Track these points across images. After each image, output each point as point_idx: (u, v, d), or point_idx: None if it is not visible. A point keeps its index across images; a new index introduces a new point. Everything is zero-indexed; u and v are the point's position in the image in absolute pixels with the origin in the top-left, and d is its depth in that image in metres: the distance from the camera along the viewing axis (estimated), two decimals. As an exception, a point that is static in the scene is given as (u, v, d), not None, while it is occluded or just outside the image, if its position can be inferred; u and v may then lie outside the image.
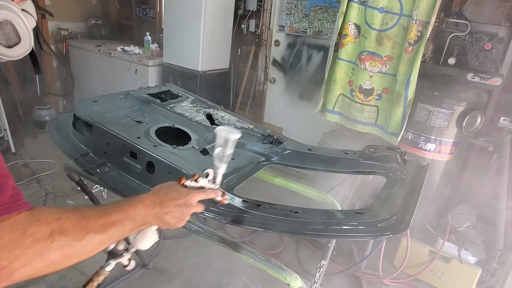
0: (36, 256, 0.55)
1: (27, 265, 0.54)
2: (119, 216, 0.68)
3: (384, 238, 0.94)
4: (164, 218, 0.78)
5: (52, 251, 0.56)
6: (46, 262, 0.56)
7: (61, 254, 0.58)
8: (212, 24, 3.35)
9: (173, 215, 0.79)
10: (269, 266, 1.06)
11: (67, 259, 0.59)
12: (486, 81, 2.19)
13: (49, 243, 0.56)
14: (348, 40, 2.42)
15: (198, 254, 2.42)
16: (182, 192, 0.81)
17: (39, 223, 0.56)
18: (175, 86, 1.89)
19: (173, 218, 0.79)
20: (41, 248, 0.55)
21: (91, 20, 4.66)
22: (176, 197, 0.80)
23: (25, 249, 0.54)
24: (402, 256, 2.26)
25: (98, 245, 0.64)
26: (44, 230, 0.56)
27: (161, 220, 0.78)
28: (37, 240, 0.55)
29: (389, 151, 1.32)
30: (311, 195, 1.51)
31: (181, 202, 0.80)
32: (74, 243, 0.59)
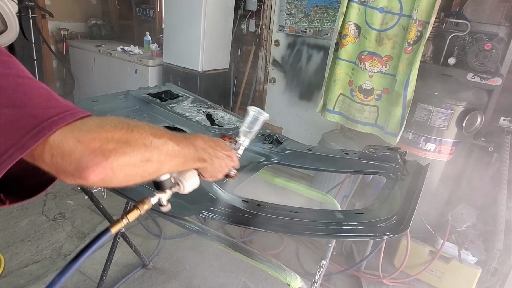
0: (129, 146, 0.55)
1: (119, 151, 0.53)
2: (184, 140, 0.69)
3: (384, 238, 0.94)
4: (214, 161, 0.79)
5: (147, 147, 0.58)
6: (136, 158, 0.56)
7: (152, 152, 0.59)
8: (212, 24, 3.35)
9: (220, 162, 0.81)
10: (269, 266, 1.06)
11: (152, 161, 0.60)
12: (486, 81, 2.19)
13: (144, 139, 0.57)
14: (348, 40, 2.42)
15: (198, 254, 2.42)
16: (228, 146, 0.85)
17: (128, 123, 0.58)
18: (175, 86, 1.89)
19: (219, 164, 0.81)
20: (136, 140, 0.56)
21: (91, 20, 4.67)
22: (224, 146, 0.83)
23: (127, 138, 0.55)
24: (402, 256, 2.26)
25: (172, 153, 0.64)
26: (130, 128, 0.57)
27: (211, 162, 0.79)
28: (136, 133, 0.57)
29: (389, 151, 1.32)
30: (311, 195, 1.51)
31: (228, 153, 0.83)
32: (156, 142, 0.60)
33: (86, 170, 0.50)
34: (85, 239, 2.45)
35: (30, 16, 3.79)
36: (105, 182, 0.53)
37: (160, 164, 0.63)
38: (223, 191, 1.10)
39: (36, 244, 2.34)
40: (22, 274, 2.10)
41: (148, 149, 0.58)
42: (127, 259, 2.30)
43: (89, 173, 0.50)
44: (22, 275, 2.09)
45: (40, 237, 2.41)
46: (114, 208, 2.67)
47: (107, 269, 1.97)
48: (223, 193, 1.09)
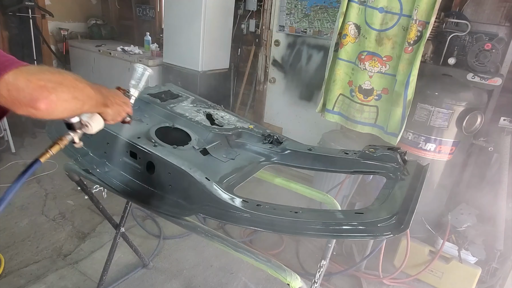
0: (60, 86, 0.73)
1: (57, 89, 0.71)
2: (95, 86, 0.88)
3: (384, 238, 0.94)
4: (114, 107, 0.98)
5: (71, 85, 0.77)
6: (69, 95, 0.75)
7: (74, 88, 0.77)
8: (212, 24, 3.35)
9: (118, 108, 1.00)
10: (269, 266, 1.06)
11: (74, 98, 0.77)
12: (486, 81, 2.19)
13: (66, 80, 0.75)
14: (348, 40, 2.42)
15: (198, 254, 2.42)
16: (122, 95, 1.07)
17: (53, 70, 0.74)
18: (175, 86, 1.89)
19: (117, 110, 1.00)
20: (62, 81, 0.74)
21: (91, 20, 4.67)
22: (121, 95, 1.06)
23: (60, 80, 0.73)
24: (402, 256, 2.26)
25: (90, 95, 0.84)
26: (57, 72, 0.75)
27: (112, 107, 0.97)
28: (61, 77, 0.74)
29: (389, 151, 1.32)
30: (311, 195, 1.51)
31: (124, 101, 1.04)
32: (80, 85, 0.80)
33: (37, 101, 0.67)
34: (85, 239, 2.45)
35: (30, 16, 3.79)
36: (49, 112, 0.70)
37: (83, 103, 0.81)
38: (223, 191, 1.10)
39: (36, 244, 2.34)
40: (22, 274, 2.10)
41: (76, 90, 0.77)
42: (127, 259, 2.30)
43: (40, 104, 0.67)
44: (22, 275, 2.09)
45: (40, 237, 2.41)
46: (114, 208, 2.67)
47: (107, 269, 1.97)
48: (223, 193, 1.09)
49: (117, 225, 1.93)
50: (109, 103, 0.96)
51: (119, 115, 1.02)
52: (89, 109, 0.88)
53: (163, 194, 1.19)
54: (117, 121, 1.03)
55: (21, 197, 2.80)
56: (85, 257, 2.28)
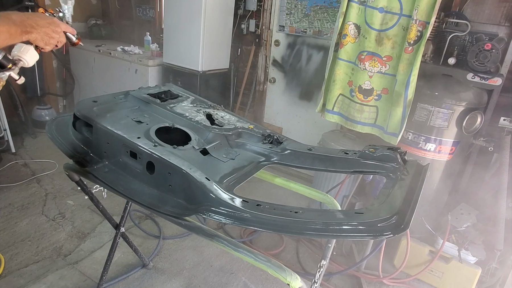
0: None
1: None
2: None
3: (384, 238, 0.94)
4: (39, 30, 0.94)
5: None
6: None
7: None
8: (212, 24, 3.35)
9: (46, 30, 0.95)
10: (269, 266, 1.06)
11: None
12: (486, 81, 2.19)
13: None
14: (348, 40, 2.42)
15: (198, 254, 2.42)
16: (47, 17, 1.01)
17: None
18: (175, 86, 1.89)
19: (45, 33, 0.96)
20: None
21: (91, 20, 4.66)
22: (43, 16, 0.98)
23: None
24: (402, 256, 2.26)
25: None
26: None
27: (37, 32, 0.93)
28: None
29: (389, 151, 1.32)
30: (311, 195, 1.51)
31: (49, 21, 0.98)
32: None
33: None
34: (85, 239, 2.45)
35: (30, 16, 3.79)
36: None
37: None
38: (223, 191, 1.10)
39: (36, 244, 2.34)
40: (22, 274, 2.10)
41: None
42: (127, 259, 2.30)
43: None
44: (22, 275, 2.09)
45: (40, 237, 2.41)
46: (114, 208, 2.67)
47: (107, 269, 1.97)
48: (223, 193, 1.09)
49: (117, 225, 1.93)
50: (29, 29, 0.92)
51: (51, 37, 0.98)
52: (4, 41, 0.86)
53: (163, 194, 1.19)
54: (54, 44, 1.01)
55: (21, 197, 2.80)
56: (85, 257, 2.29)
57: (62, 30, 1.02)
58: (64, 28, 1.03)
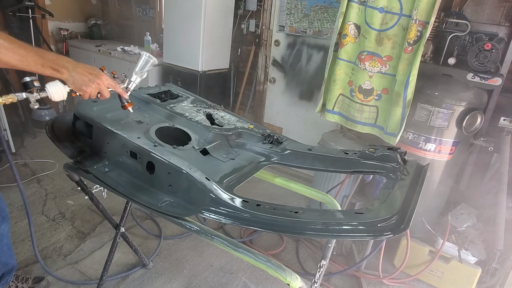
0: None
1: None
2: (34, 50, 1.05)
3: (384, 238, 0.93)
4: (73, 75, 1.08)
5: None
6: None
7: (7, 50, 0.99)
8: (212, 24, 3.35)
9: (81, 77, 1.08)
10: (269, 266, 1.06)
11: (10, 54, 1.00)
12: (486, 81, 2.19)
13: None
14: (348, 40, 2.42)
15: (198, 254, 2.42)
16: (97, 69, 1.14)
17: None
18: (175, 86, 1.89)
19: (80, 78, 1.08)
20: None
21: (91, 20, 4.67)
22: (91, 68, 1.12)
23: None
24: (402, 256, 2.26)
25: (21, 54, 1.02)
26: None
27: (69, 74, 1.07)
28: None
29: (389, 151, 1.32)
30: (311, 195, 1.51)
31: (93, 72, 1.11)
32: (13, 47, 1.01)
33: None
34: (85, 239, 2.45)
35: (30, 16, 3.79)
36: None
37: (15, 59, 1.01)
38: (223, 191, 1.10)
39: (36, 244, 2.34)
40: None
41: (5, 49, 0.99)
42: (127, 259, 2.30)
43: None
44: (22, 275, 2.09)
45: (40, 237, 2.41)
46: (114, 208, 2.67)
47: (107, 269, 1.97)
48: (223, 193, 1.09)
49: (117, 225, 1.93)
50: (61, 68, 1.07)
51: (85, 84, 1.10)
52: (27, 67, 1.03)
53: (163, 194, 1.19)
54: (89, 92, 1.13)
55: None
56: (85, 257, 2.29)
57: (105, 85, 1.14)
58: (108, 84, 1.15)
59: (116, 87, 1.20)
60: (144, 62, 1.27)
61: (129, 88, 1.28)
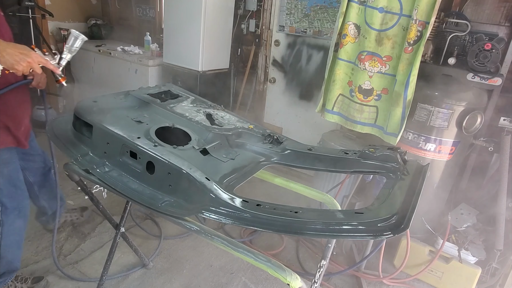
0: None
1: None
2: None
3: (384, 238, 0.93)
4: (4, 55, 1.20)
5: None
6: None
7: None
8: (212, 24, 3.35)
9: (12, 56, 1.20)
10: (269, 266, 1.06)
11: None
12: (486, 81, 2.19)
13: None
14: (348, 40, 2.42)
15: (198, 254, 2.42)
16: (27, 48, 1.26)
17: None
18: (175, 86, 1.89)
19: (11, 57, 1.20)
20: None
21: (91, 20, 4.67)
22: (21, 47, 1.24)
23: None
24: (402, 256, 2.26)
25: None
26: None
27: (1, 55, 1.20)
28: None
29: (389, 151, 1.32)
30: (311, 195, 1.51)
31: (23, 51, 1.23)
32: None
33: None
34: (85, 239, 2.45)
35: (30, 16, 3.79)
36: None
37: None
38: (223, 191, 1.10)
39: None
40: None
41: None
42: (127, 259, 2.30)
43: None
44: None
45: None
46: (114, 208, 2.67)
47: (107, 269, 1.97)
48: (223, 193, 1.09)
49: (117, 225, 1.93)
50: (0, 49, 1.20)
51: (17, 63, 1.23)
52: None
53: (163, 194, 1.19)
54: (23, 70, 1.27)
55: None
56: (85, 257, 2.29)
57: (36, 62, 1.27)
58: (38, 62, 1.28)
59: (47, 63, 1.32)
60: (73, 39, 1.41)
61: (61, 64, 1.40)
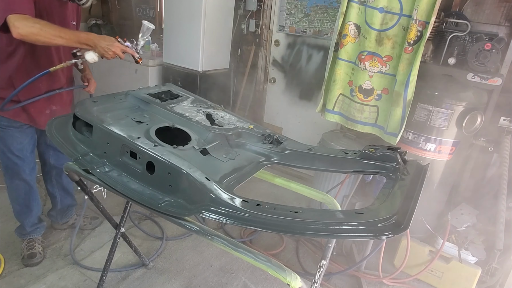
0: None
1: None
2: (69, 32, 1.60)
3: (384, 238, 0.94)
4: (97, 46, 1.61)
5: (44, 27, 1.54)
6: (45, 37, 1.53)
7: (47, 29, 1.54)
8: (212, 24, 3.35)
9: (102, 47, 1.61)
10: (269, 266, 1.06)
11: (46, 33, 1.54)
12: (486, 81, 2.19)
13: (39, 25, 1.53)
14: (348, 40, 2.42)
15: (198, 254, 2.42)
16: (112, 39, 1.65)
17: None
18: (175, 86, 1.89)
19: (102, 48, 1.62)
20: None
21: (91, 20, 4.66)
22: (108, 39, 1.64)
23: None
24: (402, 256, 2.26)
25: (60, 35, 1.56)
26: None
27: (95, 46, 1.62)
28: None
29: (389, 151, 1.32)
30: (311, 195, 1.51)
31: (108, 43, 1.63)
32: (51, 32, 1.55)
33: (18, 34, 1.50)
34: (85, 239, 2.45)
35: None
36: (31, 38, 1.53)
37: (57, 38, 1.56)
38: (223, 191, 1.10)
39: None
40: (22, 274, 2.10)
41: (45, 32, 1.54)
42: (127, 259, 2.30)
43: (18, 34, 1.49)
44: (22, 275, 2.09)
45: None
46: (114, 208, 2.67)
47: (107, 269, 1.97)
48: (223, 193, 1.09)
49: (117, 225, 1.93)
50: (91, 43, 1.60)
51: (106, 52, 1.63)
52: (66, 42, 1.58)
53: (163, 194, 1.19)
54: (112, 56, 1.65)
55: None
56: (85, 257, 2.29)
57: (119, 50, 1.65)
58: (122, 49, 1.66)
59: (127, 49, 1.68)
60: (146, 29, 1.76)
61: (137, 49, 1.75)
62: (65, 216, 2.47)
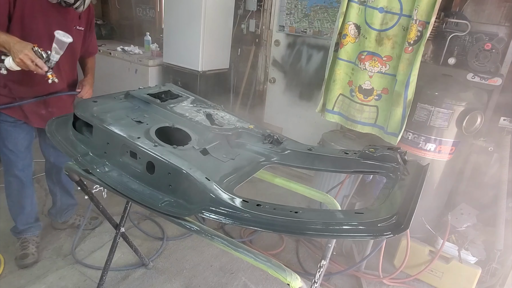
0: None
1: None
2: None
3: (384, 238, 0.94)
4: (12, 51, 1.55)
5: None
6: None
7: None
8: (212, 24, 3.35)
9: (16, 52, 1.54)
10: (269, 266, 1.06)
11: None
12: (486, 81, 2.20)
13: None
14: (348, 40, 2.42)
15: (198, 254, 2.42)
16: (28, 47, 1.56)
17: None
18: (175, 86, 1.89)
19: (15, 53, 1.54)
20: None
21: (91, 20, 4.66)
22: (24, 45, 1.56)
23: None
24: (402, 256, 2.26)
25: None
26: None
27: (10, 51, 1.56)
28: None
29: (389, 151, 1.32)
30: (311, 195, 1.51)
31: (20, 48, 1.54)
32: None
33: None
34: (85, 239, 2.45)
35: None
36: None
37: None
38: (223, 191, 1.10)
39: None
40: (22, 274, 2.10)
41: None
42: (127, 259, 2.30)
43: None
44: (22, 275, 2.09)
45: (40, 237, 2.41)
46: (114, 208, 2.67)
47: (107, 269, 1.97)
48: (223, 193, 1.09)
49: (117, 225, 1.93)
50: (7, 46, 1.55)
51: (15, 58, 1.55)
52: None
53: (163, 194, 1.19)
54: (17, 62, 1.56)
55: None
56: (85, 257, 2.29)
57: (27, 58, 1.54)
58: (31, 58, 1.55)
59: (36, 60, 1.57)
60: (58, 41, 1.62)
61: (50, 65, 1.63)
62: (65, 215, 2.47)
